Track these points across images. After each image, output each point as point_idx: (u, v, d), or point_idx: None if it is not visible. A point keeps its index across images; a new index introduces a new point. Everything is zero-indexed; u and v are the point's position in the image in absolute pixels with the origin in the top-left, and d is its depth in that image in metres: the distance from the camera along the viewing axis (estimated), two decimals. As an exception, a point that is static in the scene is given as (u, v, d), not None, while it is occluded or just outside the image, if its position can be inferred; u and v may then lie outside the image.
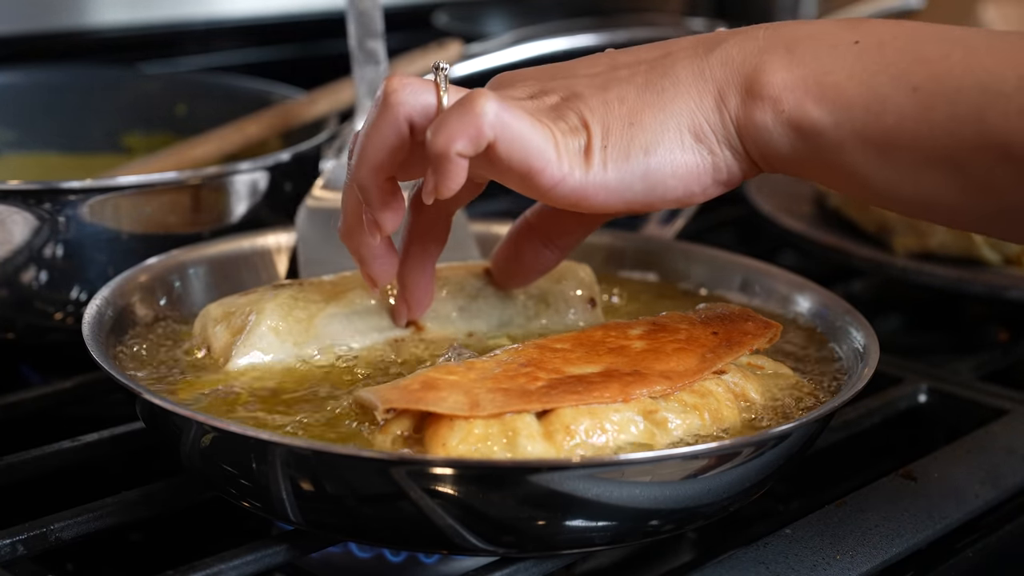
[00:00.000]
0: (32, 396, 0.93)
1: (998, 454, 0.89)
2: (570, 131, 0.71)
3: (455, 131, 0.68)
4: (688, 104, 0.72)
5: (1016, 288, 1.13)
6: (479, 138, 0.68)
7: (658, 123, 0.71)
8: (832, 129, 0.70)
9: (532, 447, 0.67)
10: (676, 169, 0.72)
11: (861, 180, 0.71)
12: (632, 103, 0.72)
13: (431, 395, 0.68)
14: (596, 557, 0.86)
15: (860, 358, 0.80)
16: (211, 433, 0.70)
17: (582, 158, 0.71)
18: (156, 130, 1.29)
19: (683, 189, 0.72)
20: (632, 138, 0.71)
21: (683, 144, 0.72)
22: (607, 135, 0.71)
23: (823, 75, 0.70)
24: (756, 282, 0.94)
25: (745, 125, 0.72)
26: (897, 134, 0.68)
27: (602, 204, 0.72)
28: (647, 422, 0.70)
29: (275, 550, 0.73)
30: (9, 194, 0.95)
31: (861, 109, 0.69)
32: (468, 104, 0.68)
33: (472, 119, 0.68)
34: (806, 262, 1.29)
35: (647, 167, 0.71)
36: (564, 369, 0.72)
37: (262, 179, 1.05)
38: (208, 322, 0.82)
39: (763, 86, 0.71)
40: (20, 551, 0.73)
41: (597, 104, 0.72)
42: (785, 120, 0.71)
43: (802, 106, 0.70)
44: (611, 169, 0.71)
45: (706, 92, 0.72)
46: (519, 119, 0.69)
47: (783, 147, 0.72)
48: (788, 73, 0.71)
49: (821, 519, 0.79)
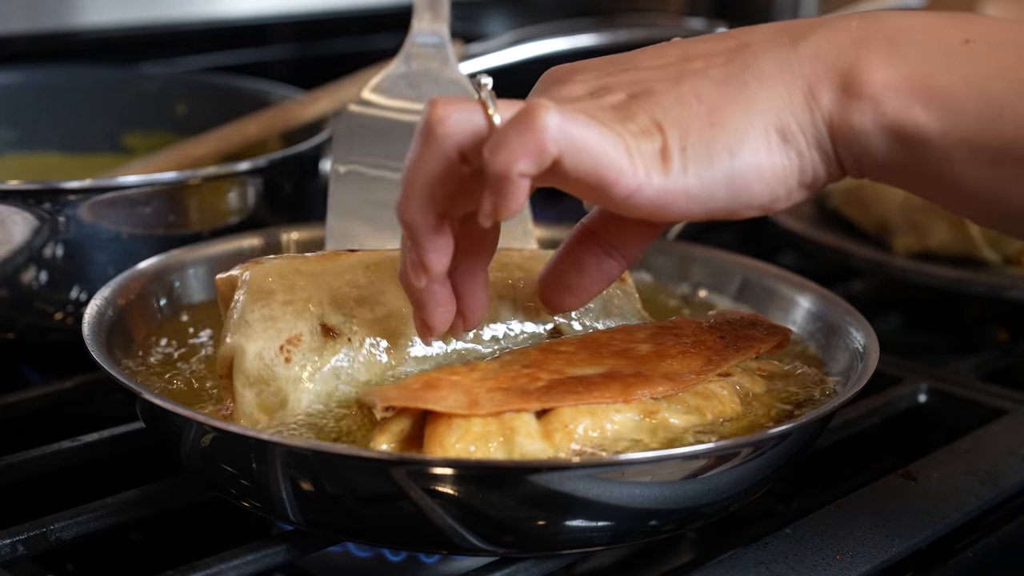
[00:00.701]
0: (32, 396, 0.93)
1: (998, 454, 0.89)
2: (642, 133, 0.65)
3: (516, 150, 0.61)
4: (775, 101, 0.66)
5: (1016, 288, 1.13)
6: (543, 156, 0.62)
7: (743, 121, 0.65)
8: (939, 136, 0.64)
9: (530, 446, 0.67)
10: (763, 173, 0.66)
11: (967, 192, 0.65)
12: (711, 99, 0.66)
13: (431, 394, 0.68)
14: (596, 557, 0.86)
15: (860, 358, 0.80)
16: (211, 433, 0.70)
17: (659, 163, 0.64)
18: (156, 130, 1.29)
19: (769, 194, 0.66)
20: (714, 139, 0.65)
21: (770, 145, 0.66)
22: (685, 136, 0.65)
23: (931, 76, 0.64)
24: (756, 282, 0.94)
25: (839, 126, 0.66)
26: (1014, 144, 0.63)
27: (683, 212, 0.66)
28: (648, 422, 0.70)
29: (275, 550, 0.73)
30: (9, 194, 0.95)
31: (974, 116, 0.63)
32: (527, 119, 0.62)
33: (533, 136, 0.61)
34: (806, 262, 1.29)
35: (732, 171, 0.65)
36: (566, 370, 0.72)
37: (262, 179, 1.05)
38: (238, 372, 0.73)
39: (862, 84, 0.65)
40: (20, 551, 0.73)
41: (671, 101, 0.66)
42: (887, 123, 0.65)
43: (907, 109, 0.64)
44: (692, 174, 0.64)
45: (795, 87, 0.66)
46: (585, 127, 0.63)
47: (880, 152, 0.66)
48: (891, 71, 0.65)
49: (821, 519, 0.79)
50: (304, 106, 1.20)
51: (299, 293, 0.75)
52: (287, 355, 0.73)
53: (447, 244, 0.68)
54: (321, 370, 0.73)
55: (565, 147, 0.62)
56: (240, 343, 0.73)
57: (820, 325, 0.88)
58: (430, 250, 0.67)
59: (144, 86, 1.32)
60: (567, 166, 0.63)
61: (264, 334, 0.73)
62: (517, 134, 0.62)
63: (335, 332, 0.74)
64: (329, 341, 0.74)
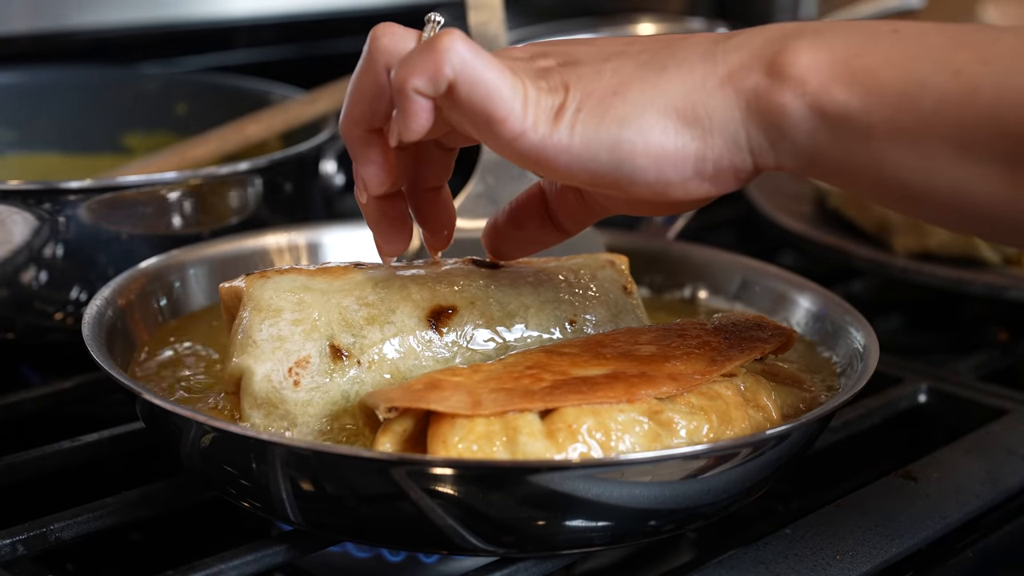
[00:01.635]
0: (32, 396, 0.93)
1: (998, 454, 0.89)
2: (548, 90, 0.67)
3: (415, 67, 0.65)
4: (686, 84, 0.67)
5: (1016, 288, 1.13)
6: (438, 76, 0.65)
7: (645, 98, 0.67)
8: (862, 114, 0.64)
9: (533, 445, 0.67)
10: (650, 148, 0.66)
11: (889, 175, 0.65)
12: (626, 75, 0.68)
13: (434, 394, 0.68)
14: (596, 557, 0.86)
15: (860, 358, 0.80)
16: (211, 433, 0.70)
17: (551, 117, 0.67)
18: (156, 130, 1.29)
19: (655, 172, 0.67)
20: (610, 107, 0.67)
21: (665, 124, 0.66)
22: (585, 100, 0.67)
23: (855, 57, 0.65)
24: (756, 282, 0.94)
25: (759, 108, 0.66)
26: (935, 120, 0.63)
27: (564, 169, 0.67)
28: (652, 423, 0.70)
29: (275, 550, 0.73)
30: (9, 194, 0.95)
31: (895, 94, 0.64)
32: (433, 42, 0.66)
33: (433, 56, 0.65)
34: (806, 262, 1.29)
35: (617, 139, 0.66)
36: (570, 371, 0.72)
37: (262, 179, 1.05)
38: (245, 393, 0.73)
39: (786, 65, 0.65)
40: (20, 551, 0.73)
41: (587, 71, 0.68)
42: (808, 103, 0.65)
43: (828, 88, 0.65)
44: (579, 134, 0.66)
45: (711, 74, 0.67)
46: (486, 64, 0.66)
47: (801, 135, 0.66)
48: (815, 54, 0.65)
49: (821, 519, 0.79)
50: (304, 106, 1.20)
51: (307, 311, 0.74)
52: (296, 378, 0.73)
53: (381, 160, 0.72)
54: (330, 393, 0.73)
55: (461, 75, 0.65)
56: (248, 364, 0.73)
57: (820, 325, 0.88)
58: (363, 163, 0.72)
59: (144, 86, 1.32)
60: (460, 93, 0.66)
61: (272, 356, 0.73)
62: (419, 53, 0.66)
63: (345, 354, 0.74)
64: (339, 363, 0.73)
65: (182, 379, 0.81)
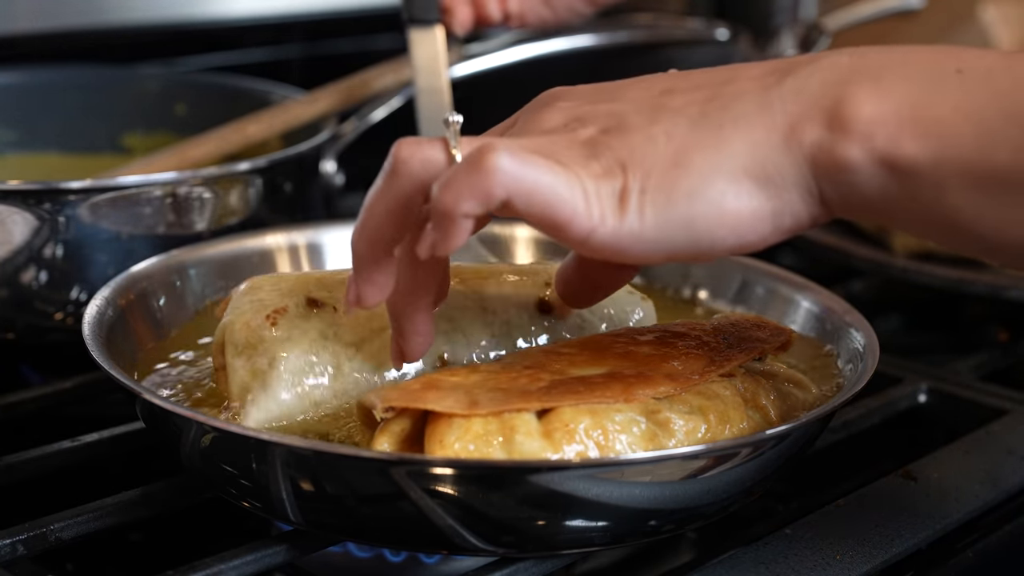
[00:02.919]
0: (32, 396, 0.93)
1: (998, 454, 0.89)
2: (604, 174, 0.64)
3: (463, 191, 0.62)
4: (749, 143, 0.63)
5: (1016, 288, 1.13)
6: (489, 198, 0.62)
7: (709, 165, 0.63)
8: (932, 167, 0.61)
9: (530, 445, 0.67)
10: (726, 218, 0.63)
11: (963, 225, 0.63)
12: (682, 140, 0.64)
13: (431, 394, 0.68)
14: (596, 557, 0.86)
15: (860, 358, 0.80)
16: (211, 433, 0.70)
17: (616, 205, 0.63)
18: (156, 130, 1.29)
19: (735, 239, 0.64)
20: (675, 182, 0.63)
21: (738, 189, 0.63)
22: (647, 177, 0.63)
23: (922, 107, 0.62)
24: (756, 282, 0.94)
25: (825, 164, 0.63)
26: (1011, 172, 0.60)
27: (641, 255, 0.64)
28: (650, 422, 0.70)
29: (275, 550, 0.73)
30: (9, 194, 0.95)
31: (968, 145, 0.61)
32: (477, 160, 0.62)
33: (481, 178, 0.62)
34: (806, 262, 1.29)
35: (691, 215, 0.63)
36: (568, 371, 0.72)
37: (262, 179, 1.05)
38: (228, 344, 0.76)
39: (849, 119, 0.62)
40: (20, 551, 0.73)
41: (640, 141, 0.64)
42: (877, 157, 0.62)
43: (897, 141, 0.62)
44: (649, 217, 0.63)
45: (774, 128, 0.64)
46: (536, 170, 0.62)
47: (871, 189, 0.63)
48: (879, 104, 0.62)
49: (821, 519, 0.79)
50: (304, 106, 1.20)
51: (285, 284, 0.80)
52: (273, 320, 0.76)
53: (386, 281, 0.69)
54: (308, 332, 0.76)
55: (515, 190, 0.62)
56: (230, 319, 0.77)
57: (820, 325, 0.88)
58: (366, 282, 0.69)
59: (144, 86, 1.32)
60: (519, 207, 0.63)
61: (252, 309, 0.77)
62: (466, 175, 0.62)
63: (320, 303, 0.77)
64: (314, 310, 0.77)
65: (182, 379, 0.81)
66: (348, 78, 1.22)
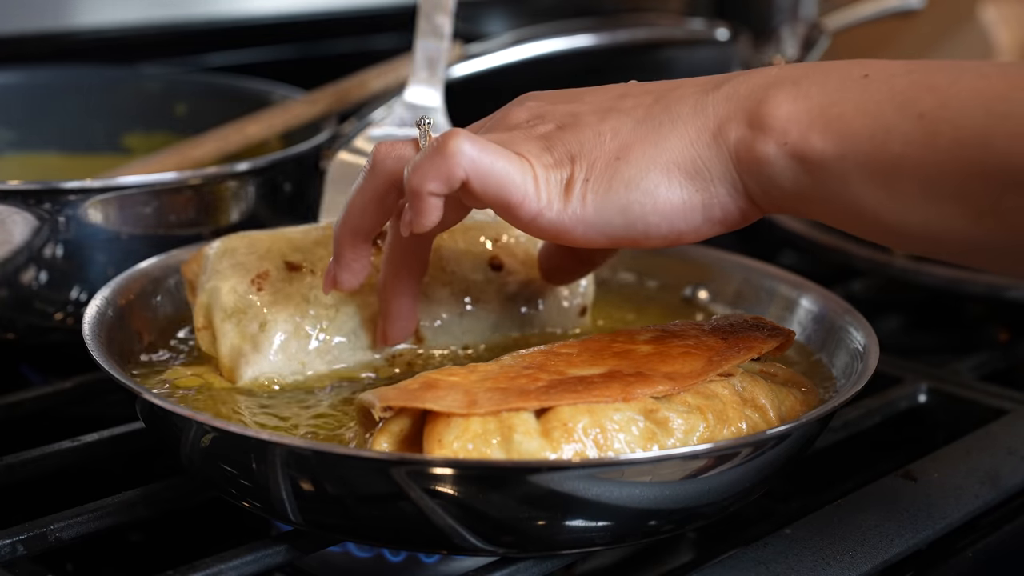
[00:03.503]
0: (32, 396, 0.93)
1: (998, 454, 0.89)
2: (555, 164, 0.71)
3: (428, 173, 0.70)
4: (683, 140, 0.71)
5: (1016, 288, 1.13)
6: (451, 178, 0.69)
7: (646, 158, 0.71)
8: (836, 160, 0.68)
9: (529, 444, 0.67)
10: (659, 206, 0.71)
11: (867, 214, 0.69)
12: (625, 137, 0.72)
13: (430, 394, 0.68)
14: (596, 557, 0.86)
15: (860, 358, 0.80)
16: (211, 433, 0.70)
17: (562, 192, 0.71)
18: (156, 130, 1.29)
19: (667, 226, 0.71)
20: (615, 172, 0.71)
21: (670, 181, 0.71)
22: (592, 168, 0.71)
23: (828, 106, 0.69)
24: (756, 282, 0.94)
25: (746, 159, 0.70)
26: (902, 162, 0.66)
27: (582, 238, 0.72)
28: (648, 421, 0.70)
29: (275, 550, 0.73)
30: (9, 194, 0.95)
31: (866, 139, 0.67)
32: (441, 146, 0.70)
33: (444, 161, 0.69)
34: (806, 262, 1.29)
35: (627, 202, 0.71)
36: (567, 371, 0.72)
37: (262, 179, 1.05)
38: (216, 309, 0.81)
39: (766, 117, 0.70)
40: (20, 551, 0.73)
41: (589, 136, 0.72)
42: (788, 152, 0.69)
43: (806, 137, 0.69)
44: (590, 203, 0.71)
45: (704, 128, 0.71)
46: (493, 156, 0.70)
47: (786, 181, 0.70)
48: (793, 105, 0.69)
49: (821, 519, 0.79)
50: (304, 106, 1.20)
51: (259, 245, 0.84)
52: (258, 285, 0.81)
53: (361, 268, 0.78)
54: (292, 297, 0.81)
55: (472, 172, 0.70)
56: (215, 283, 0.81)
57: (820, 325, 0.88)
58: (344, 268, 0.77)
59: (144, 86, 1.32)
60: (475, 188, 0.70)
61: (235, 274, 0.81)
62: (430, 159, 0.70)
63: (298, 266, 0.82)
64: (295, 273, 0.82)
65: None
66: (348, 78, 1.22)
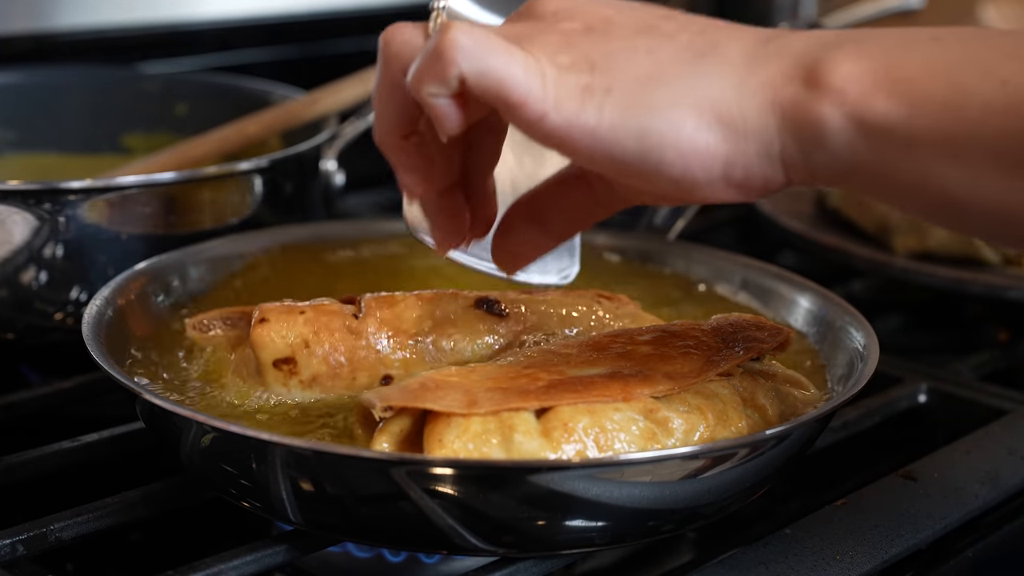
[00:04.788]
0: (32, 396, 0.93)
1: (998, 454, 0.89)
2: (570, 67, 0.64)
3: (422, 74, 0.64)
4: (724, 81, 0.64)
5: (1016, 288, 1.13)
6: (446, 77, 0.63)
7: (681, 86, 0.63)
8: (903, 124, 0.61)
9: (529, 444, 0.67)
10: (681, 143, 0.63)
11: (931, 187, 0.62)
12: (661, 57, 0.64)
13: (430, 393, 0.68)
14: (596, 557, 0.86)
15: (860, 358, 0.80)
16: (211, 433, 0.70)
17: (578, 96, 0.63)
18: (156, 130, 1.29)
19: (682, 168, 0.64)
20: (644, 92, 0.63)
21: (699, 119, 0.63)
22: (617, 80, 0.63)
23: (895, 67, 0.62)
24: (756, 282, 0.94)
25: (796, 119, 0.63)
26: (980, 130, 0.60)
27: (586, 152, 0.64)
28: (648, 421, 0.70)
29: (275, 550, 0.73)
30: (9, 194, 0.95)
31: (939, 103, 0.61)
32: (436, 43, 0.63)
33: (437, 57, 0.63)
34: (806, 262, 1.29)
35: (647, 127, 0.63)
36: (567, 371, 0.72)
37: (262, 179, 1.05)
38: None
39: (826, 75, 0.63)
40: (20, 551, 0.73)
41: (619, 47, 0.65)
42: (847, 114, 0.62)
43: (868, 99, 0.62)
44: (607, 118, 0.63)
45: (750, 76, 0.64)
46: (491, 50, 0.63)
47: (838, 147, 0.63)
48: (855, 64, 0.63)
49: (821, 519, 0.79)
50: (304, 106, 1.20)
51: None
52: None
53: (418, 164, 0.70)
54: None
55: (467, 69, 0.63)
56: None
57: (820, 325, 0.88)
58: (400, 169, 0.70)
59: (144, 86, 1.32)
60: (472, 86, 0.63)
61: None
62: (425, 58, 0.64)
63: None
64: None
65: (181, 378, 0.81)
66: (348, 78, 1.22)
